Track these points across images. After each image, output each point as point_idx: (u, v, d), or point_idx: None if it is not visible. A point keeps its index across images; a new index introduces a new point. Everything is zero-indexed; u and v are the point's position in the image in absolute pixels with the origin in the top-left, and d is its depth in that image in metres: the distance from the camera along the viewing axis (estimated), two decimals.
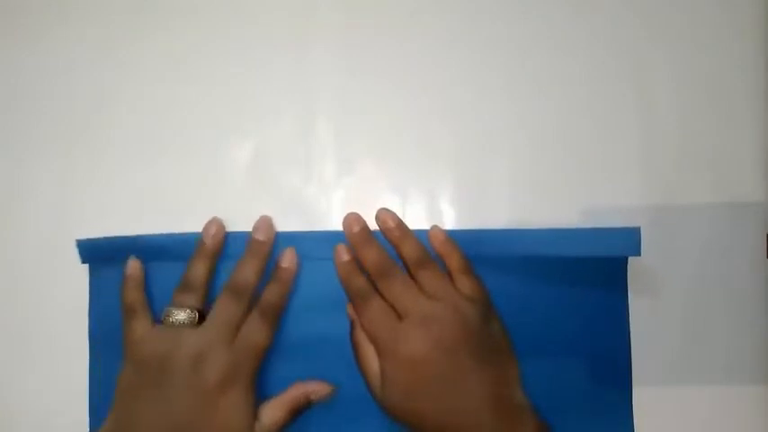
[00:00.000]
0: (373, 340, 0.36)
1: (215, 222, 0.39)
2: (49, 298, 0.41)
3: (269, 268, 0.39)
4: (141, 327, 0.37)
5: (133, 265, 0.39)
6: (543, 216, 0.40)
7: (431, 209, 0.41)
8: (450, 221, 0.41)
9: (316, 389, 0.38)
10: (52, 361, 0.41)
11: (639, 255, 0.38)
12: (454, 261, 0.38)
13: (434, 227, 0.39)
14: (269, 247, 0.39)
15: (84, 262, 0.41)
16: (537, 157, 0.41)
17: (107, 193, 0.42)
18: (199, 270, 0.38)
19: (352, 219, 0.39)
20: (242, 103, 0.42)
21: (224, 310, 0.37)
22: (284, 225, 0.40)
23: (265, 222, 0.39)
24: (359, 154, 0.42)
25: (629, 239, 0.38)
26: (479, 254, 0.39)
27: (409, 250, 0.38)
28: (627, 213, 0.40)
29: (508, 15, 0.42)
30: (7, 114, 0.42)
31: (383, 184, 0.41)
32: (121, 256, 0.40)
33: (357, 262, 0.38)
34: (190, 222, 0.41)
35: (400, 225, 0.39)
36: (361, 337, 0.37)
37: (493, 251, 0.39)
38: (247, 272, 0.38)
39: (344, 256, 0.38)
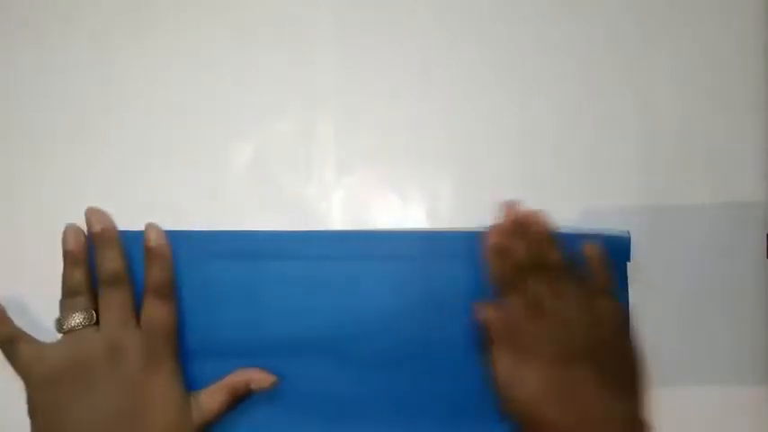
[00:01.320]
0: (510, 337, 0.36)
1: (71, 231, 0.38)
2: (50, 299, 0.41)
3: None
4: (30, 348, 0.36)
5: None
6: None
7: (431, 209, 0.41)
8: (449, 222, 0.41)
9: (258, 377, 0.37)
10: None
11: (629, 260, 0.38)
12: (602, 279, 0.37)
13: (591, 246, 0.38)
14: (111, 232, 0.38)
15: None
16: (537, 158, 0.41)
17: (106, 194, 0.42)
18: (74, 274, 0.37)
19: (509, 206, 0.38)
20: (242, 104, 0.42)
21: (111, 302, 0.36)
22: (284, 225, 0.40)
23: (93, 214, 0.38)
24: (359, 154, 0.42)
25: (619, 245, 0.39)
26: (476, 254, 0.39)
27: (556, 255, 0.37)
28: (626, 214, 0.40)
29: (508, 16, 0.42)
30: (5, 114, 0.42)
31: (383, 184, 0.41)
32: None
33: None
34: (190, 223, 0.41)
35: (546, 229, 0.38)
36: (497, 337, 0.36)
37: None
38: (108, 261, 0.37)
39: (496, 237, 0.37)
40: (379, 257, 0.39)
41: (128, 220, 0.41)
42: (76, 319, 0.36)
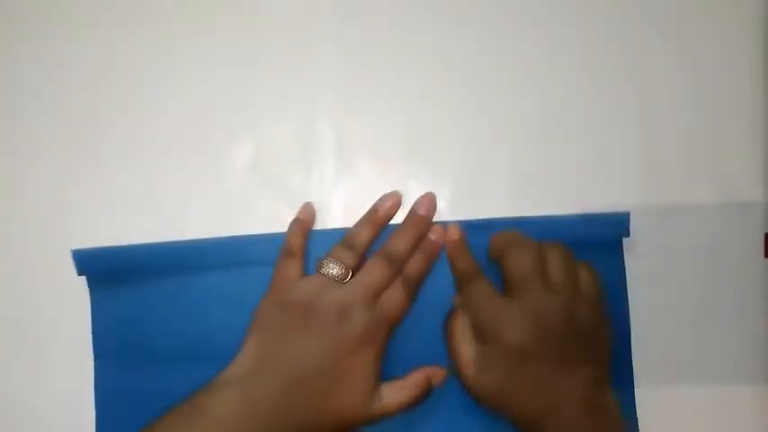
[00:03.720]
0: (476, 323, 0.36)
1: (393, 195, 0.40)
2: (49, 307, 0.41)
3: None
4: (294, 271, 0.38)
5: (307, 210, 0.40)
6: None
7: None
8: (449, 221, 0.41)
9: (435, 373, 0.38)
10: (53, 374, 0.41)
11: (629, 236, 0.39)
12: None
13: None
14: (428, 221, 0.39)
15: (80, 274, 0.40)
16: (537, 158, 0.41)
17: (105, 195, 0.42)
18: (364, 233, 0.39)
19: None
20: (242, 103, 0.42)
21: (372, 272, 0.37)
22: (284, 225, 0.40)
23: (429, 198, 0.40)
24: (359, 154, 0.42)
25: (618, 221, 0.39)
26: (475, 243, 0.39)
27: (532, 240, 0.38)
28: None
29: (508, 14, 0.42)
30: (4, 115, 0.42)
31: (383, 183, 0.41)
32: (121, 267, 0.40)
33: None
34: (189, 223, 0.41)
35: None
36: (458, 324, 0.37)
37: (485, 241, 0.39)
38: (402, 242, 0.38)
39: (455, 234, 0.39)
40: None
41: (127, 220, 0.41)
42: (333, 270, 0.37)
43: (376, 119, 0.42)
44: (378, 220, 0.39)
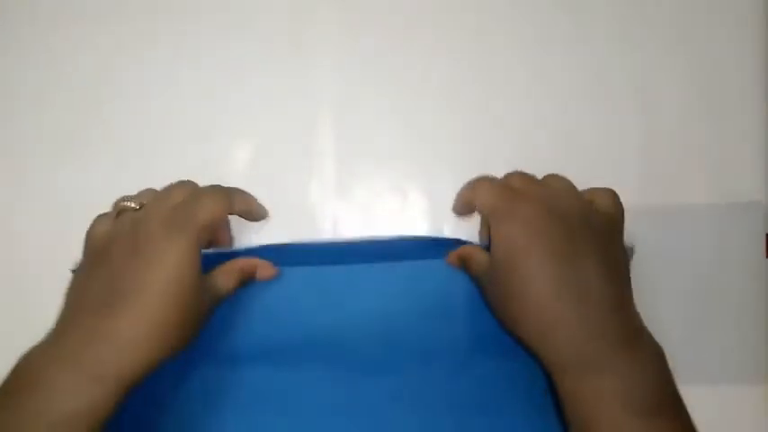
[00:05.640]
0: (490, 211, 0.34)
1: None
2: (49, 308, 0.41)
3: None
4: (101, 221, 0.36)
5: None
6: None
7: (431, 209, 0.41)
8: (449, 222, 0.41)
9: (263, 267, 0.37)
10: None
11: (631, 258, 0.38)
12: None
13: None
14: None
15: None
16: (537, 158, 0.41)
17: (105, 194, 0.41)
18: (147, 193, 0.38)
19: None
20: (242, 104, 0.42)
21: (167, 188, 0.36)
22: (284, 225, 0.40)
23: None
24: (359, 154, 0.42)
25: None
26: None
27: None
28: (626, 213, 0.40)
29: (508, 16, 0.42)
30: (3, 116, 0.42)
31: (383, 184, 0.41)
32: None
33: None
34: None
35: None
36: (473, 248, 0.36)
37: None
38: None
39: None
40: (374, 262, 0.39)
41: None
42: (125, 201, 0.36)
43: (376, 119, 0.42)
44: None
